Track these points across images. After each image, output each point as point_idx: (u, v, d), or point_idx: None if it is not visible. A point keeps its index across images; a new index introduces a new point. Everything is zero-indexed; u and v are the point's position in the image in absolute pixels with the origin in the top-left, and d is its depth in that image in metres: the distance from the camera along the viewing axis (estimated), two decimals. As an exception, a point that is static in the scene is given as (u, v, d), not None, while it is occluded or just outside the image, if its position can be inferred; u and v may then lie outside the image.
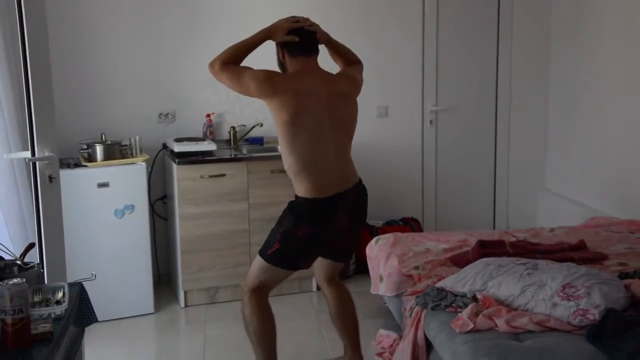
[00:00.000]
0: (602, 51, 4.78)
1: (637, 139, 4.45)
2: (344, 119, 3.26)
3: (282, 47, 3.24)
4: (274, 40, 3.22)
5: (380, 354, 3.76)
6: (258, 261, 3.31)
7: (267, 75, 3.10)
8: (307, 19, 3.28)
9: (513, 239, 4.06)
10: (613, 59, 4.66)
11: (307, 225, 3.19)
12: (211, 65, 3.24)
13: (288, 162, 3.21)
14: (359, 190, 3.34)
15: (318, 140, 3.17)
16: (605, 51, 4.74)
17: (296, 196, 3.25)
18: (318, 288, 4.72)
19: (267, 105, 3.16)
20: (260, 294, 3.34)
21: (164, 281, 4.97)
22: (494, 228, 5.61)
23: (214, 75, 3.27)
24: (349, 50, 3.51)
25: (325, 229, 3.22)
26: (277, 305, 4.54)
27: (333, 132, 3.20)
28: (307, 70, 3.21)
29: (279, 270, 3.30)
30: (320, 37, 3.29)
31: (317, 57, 3.27)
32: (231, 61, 3.19)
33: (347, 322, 3.61)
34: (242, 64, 3.21)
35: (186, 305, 4.62)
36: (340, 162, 3.26)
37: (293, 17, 3.27)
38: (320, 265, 3.51)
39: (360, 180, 3.37)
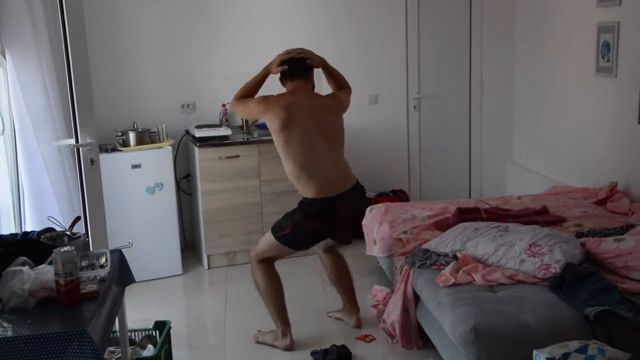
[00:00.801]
0: (559, 43, 4.75)
1: (589, 119, 4.44)
2: (331, 129, 3.32)
3: (280, 75, 3.36)
4: (271, 73, 3.37)
5: (375, 306, 3.78)
6: (269, 237, 3.36)
7: (262, 97, 3.32)
8: (297, 49, 3.37)
9: (486, 206, 4.06)
10: (565, 50, 4.64)
11: (314, 222, 3.25)
12: (231, 102, 3.47)
13: (288, 168, 3.29)
14: (357, 191, 3.36)
15: (309, 146, 3.22)
16: (562, 43, 4.71)
17: (303, 198, 3.28)
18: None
19: (267, 124, 3.30)
20: (268, 262, 3.43)
21: (190, 247, 4.99)
22: (470, 197, 5.61)
23: (232, 108, 3.50)
24: (340, 75, 3.54)
25: (329, 225, 3.29)
26: (287, 265, 4.57)
27: (323, 139, 3.25)
28: (296, 90, 3.33)
29: (285, 248, 3.37)
30: (312, 61, 3.36)
31: (307, 79, 3.35)
32: (244, 96, 3.38)
33: (343, 283, 3.67)
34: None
35: (209, 268, 4.64)
36: (335, 166, 3.29)
37: (286, 50, 3.37)
38: (321, 243, 3.54)
39: (358, 182, 3.39)
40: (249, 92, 3.39)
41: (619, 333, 2.53)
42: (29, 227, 3.45)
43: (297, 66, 3.32)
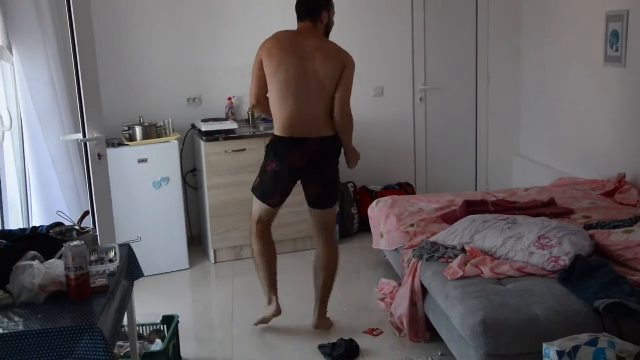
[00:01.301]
0: (567, 33, 4.74)
1: (597, 110, 4.43)
2: (316, 78, 3.23)
3: None
4: None
5: (382, 300, 3.80)
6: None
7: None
8: None
9: (494, 199, 4.06)
10: (572, 40, 4.62)
11: (272, 162, 3.35)
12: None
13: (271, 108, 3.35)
14: (321, 143, 3.28)
15: (286, 83, 3.24)
16: (569, 33, 4.70)
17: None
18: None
19: None
20: (259, 225, 3.50)
21: (197, 241, 5.00)
22: (477, 190, 5.61)
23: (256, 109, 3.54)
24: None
25: (281, 165, 3.32)
26: (292, 260, 4.59)
27: (305, 83, 3.23)
28: (300, 31, 3.33)
29: (258, 202, 3.45)
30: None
31: (314, 22, 3.29)
32: None
33: (319, 278, 3.52)
34: None
35: (216, 262, 4.65)
36: (305, 114, 3.25)
37: None
38: (309, 216, 3.51)
39: (329, 137, 3.30)
40: None
41: (629, 326, 2.54)
42: (36, 222, 3.47)
43: (301, 7, 3.33)
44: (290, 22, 3.48)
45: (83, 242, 2.18)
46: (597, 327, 2.51)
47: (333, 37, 4.85)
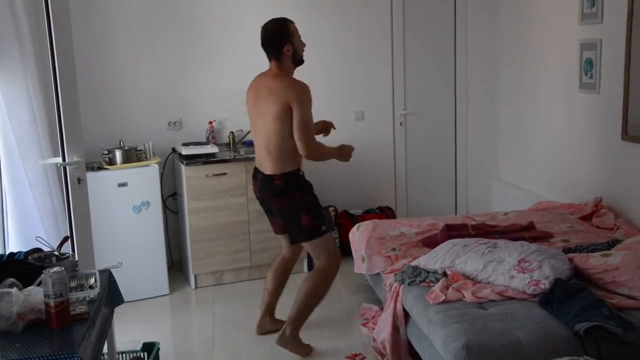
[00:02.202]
0: (543, 60, 4.83)
1: (572, 136, 4.50)
2: (263, 115, 3.37)
3: None
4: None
5: (364, 324, 3.78)
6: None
7: None
8: None
9: (474, 222, 4.09)
10: (548, 67, 4.71)
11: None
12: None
13: None
14: (262, 180, 3.46)
15: (252, 126, 3.53)
16: (546, 60, 4.79)
17: None
18: (309, 268, 4.74)
19: None
20: (279, 255, 3.87)
21: (177, 266, 4.95)
22: (456, 213, 5.64)
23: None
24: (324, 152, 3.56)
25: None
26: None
27: (256, 128, 3.48)
28: (266, 72, 3.49)
29: None
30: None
31: (275, 59, 3.39)
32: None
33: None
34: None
35: (196, 287, 4.61)
36: (259, 149, 3.47)
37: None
38: None
39: (269, 176, 3.40)
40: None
41: (609, 348, 2.56)
42: (13, 247, 3.41)
43: (263, 47, 3.42)
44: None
45: (63, 268, 2.15)
46: (577, 351, 2.53)
47: (315, 61, 4.93)
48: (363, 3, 5.25)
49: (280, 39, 3.35)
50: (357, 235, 4.15)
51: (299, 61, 3.44)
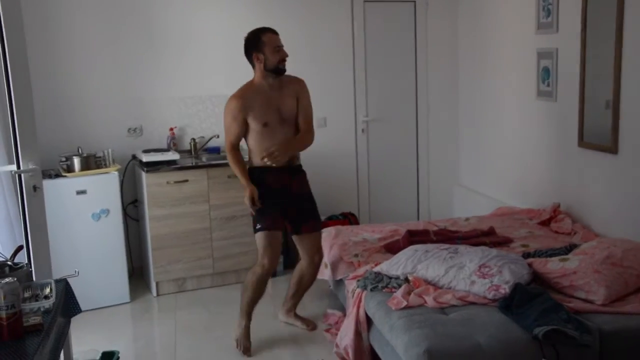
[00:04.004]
0: (502, 68, 4.89)
1: (530, 142, 4.57)
2: None
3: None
4: None
5: (328, 330, 3.76)
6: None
7: None
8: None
9: (435, 228, 4.11)
10: (506, 75, 4.78)
11: None
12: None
13: None
14: None
15: None
16: (504, 68, 4.85)
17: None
18: (273, 274, 4.69)
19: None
20: None
21: (138, 274, 4.85)
22: (418, 219, 5.67)
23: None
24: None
25: None
26: (237, 292, 4.51)
27: None
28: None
29: None
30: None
31: (252, 66, 3.60)
32: None
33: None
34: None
35: (158, 295, 4.52)
36: None
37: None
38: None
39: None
40: None
41: (567, 352, 2.59)
42: (-34, 257, 3.29)
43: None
44: (231, 54, 3.51)
45: (15, 279, 2.07)
46: (536, 354, 2.55)
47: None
48: (324, 9, 5.25)
49: (249, 48, 3.52)
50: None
51: (273, 70, 3.51)
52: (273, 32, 3.53)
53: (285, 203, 3.62)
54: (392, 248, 3.74)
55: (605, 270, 2.95)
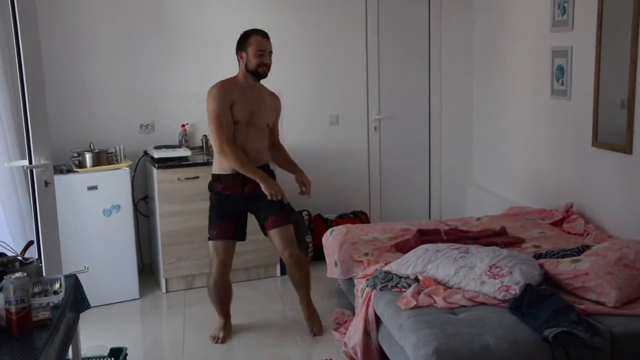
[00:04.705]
0: (516, 66, 4.87)
1: (544, 142, 4.54)
2: None
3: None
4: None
5: (336, 329, 3.76)
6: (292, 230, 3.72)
7: None
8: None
9: (447, 227, 4.10)
10: (521, 73, 4.75)
11: None
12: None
13: None
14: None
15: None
16: (518, 66, 4.83)
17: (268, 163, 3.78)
18: (282, 272, 4.72)
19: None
20: None
21: (147, 270, 4.88)
22: (430, 218, 5.66)
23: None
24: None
25: None
26: (247, 289, 4.54)
27: None
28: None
29: None
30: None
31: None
32: None
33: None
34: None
35: (167, 291, 4.55)
36: None
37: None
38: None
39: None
40: None
41: (577, 354, 2.57)
42: (-22, 251, 3.33)
43: None
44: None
45: (25, 274, 2.09)
46: (547, 356, 2.54)
47: (289, 65, 4.91)
48: (337, 7, 5.24)
49: (237, 45, 3.61)
50: (330, 240, 4.13)
51: (252, 72, 3.57)
52: (262, 36, 3.56)
53: (240, 208, 3.66)
54: (403, 247, 3.73)
55: (617, 272, 2.93)
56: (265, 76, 3.60)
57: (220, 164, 3.65)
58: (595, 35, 3.86)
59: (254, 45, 3.53)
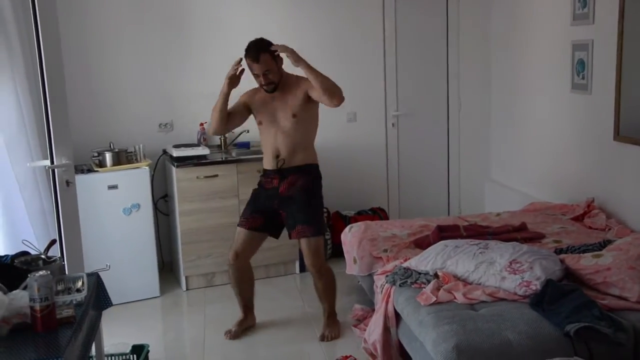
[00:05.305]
0: (535, 60, 4.83)
1: (564, 136, 4.51)
2: None
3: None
4: None
5: (356, 325, 3.78)
6: (320, 242, 3.66)
7: None
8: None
9: (466, 223, 4.08)
10: (540, 68, 4.72)
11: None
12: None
13: (311, 135, 3.77)
14: None
15: None
16: (538, 60, 4.79)
17: (311, 164, 3.71)
18: (302, 269, 4.74)
19: (312, 104, 3.69)
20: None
21: (168, 268, 4.93)
22: (449, 214, 5.64)
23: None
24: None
25: None
26: (266, 286, 4.56)
27: None
28: None
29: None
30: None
31: None
32: None
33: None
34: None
35: (187, 289, 4.59)
36: None
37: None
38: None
39: None
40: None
41: (600, 349, 2.56)
42: (1, 250, 3.39)
43: None
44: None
45: (49, 272, 2.12)
46: (568, 351, 2.53)
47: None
48: (354, 3, 5.24)
49: None
50: (349, 237, 4.14)
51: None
52: (252, 60, 3.52)
53: (273, 205, 3.67)
54: (422, 243, 3.73)
55: (640, 266, 2.90)
56: (272, 91, 3.60)
57: (265, 159, 3.74)
58: (617, 28, 3.81)
59: (248, 68, 3.58)
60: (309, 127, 3.69)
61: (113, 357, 3.13)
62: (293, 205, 3.62)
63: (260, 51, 3.50)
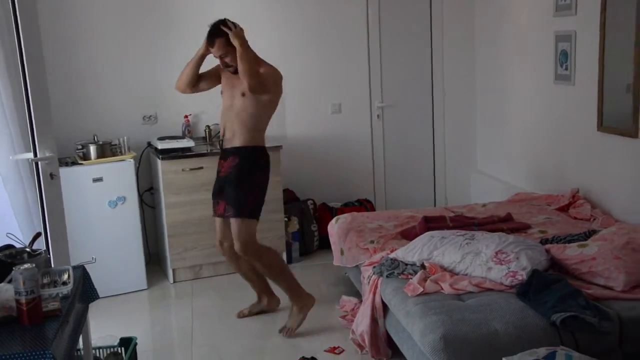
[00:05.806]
0: (519, 52, 4.85)
1: (548, 127, 4.53)
2: None
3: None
4: None
5: (343, 317, 3.78)
6: (248, 223, 3.57)
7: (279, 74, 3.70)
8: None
9: (452, 214, 4.09)
10: (524, 59, 4.74)
11: (267, 173, 3.68)
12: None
13: (261, 120, 3.65)
14: None
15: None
16: (521, 52, 4.81)
17: (252, 147, 3.61)
18: (288, 261, 4.72)
19: (269, 93, 3.59)
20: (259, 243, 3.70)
21: (154, 261, 4.90)
22: (435, 205, 5.66)
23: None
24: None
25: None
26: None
27: None
28: None
29: (255, 223, 3.60)
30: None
31: None
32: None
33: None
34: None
35: (174, 281, 4.57)
36: None
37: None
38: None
39: None
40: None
41: (585, 338, 2.58)
42: (-14, 244, 3.35)
43: None
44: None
45: (34, 265, 2.11)
46: (554, 341, 2.55)
47: (291, 53, 4.90)
48: (339, -5, 5.23)
49: None
50: (336, 228, 4.14)
51: None
52: (210, 42, 3.60)
53: (221, 188, 3.69)
54: (409, 235, 3.74)
55: (625, 256, 2.93)
56: (234, 72, 3.59)
57: None
58: (600, 19, 3.83)
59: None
60: (259, 110, 3.59)
61: (101, 350, 3.11)
62: (227, 187, 3.63)
63: (215, 37, 3.55)
